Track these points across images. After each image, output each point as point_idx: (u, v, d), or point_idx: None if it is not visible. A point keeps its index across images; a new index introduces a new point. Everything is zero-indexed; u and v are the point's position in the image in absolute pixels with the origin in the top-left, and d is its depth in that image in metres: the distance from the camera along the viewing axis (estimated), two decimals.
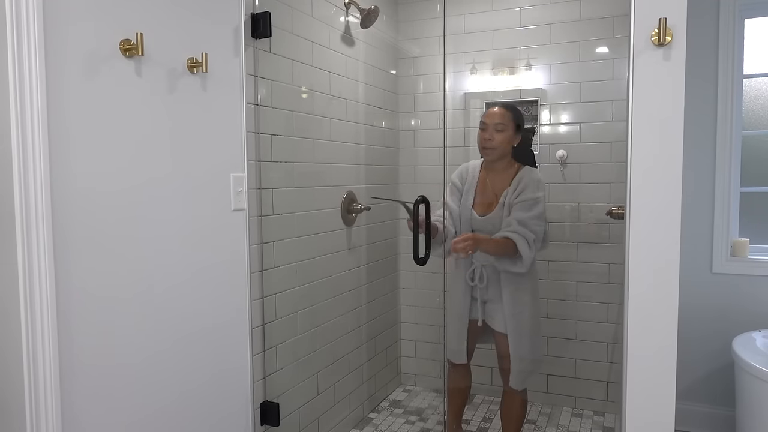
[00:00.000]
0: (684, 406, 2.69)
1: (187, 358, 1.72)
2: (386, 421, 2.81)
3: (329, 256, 2.51)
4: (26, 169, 1.26)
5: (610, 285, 2.76)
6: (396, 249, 3.14)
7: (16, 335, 1.28)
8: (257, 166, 2.02)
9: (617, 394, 2.12)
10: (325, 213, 2.48)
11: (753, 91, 2.67)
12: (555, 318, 2.88)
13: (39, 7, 1.26)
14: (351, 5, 2.60)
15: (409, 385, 3.21)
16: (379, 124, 2.96)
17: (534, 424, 2.75)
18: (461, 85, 2.98)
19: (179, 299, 1.68)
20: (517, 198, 2.16)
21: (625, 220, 1.49)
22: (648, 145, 1.44)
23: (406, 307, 3.20)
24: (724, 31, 2.55)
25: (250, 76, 1.97)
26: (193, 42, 1.70)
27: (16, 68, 1.23)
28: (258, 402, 2.05)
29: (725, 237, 2.62)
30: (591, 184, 2.77)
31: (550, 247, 2.84)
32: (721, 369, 2.67)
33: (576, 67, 2.76)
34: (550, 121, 2.84)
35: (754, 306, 2.60)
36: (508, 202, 2.18)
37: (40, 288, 1.28)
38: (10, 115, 1.23)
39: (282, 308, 2.17)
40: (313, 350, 2.40)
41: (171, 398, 1.66)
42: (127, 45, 1.46)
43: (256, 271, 2.02)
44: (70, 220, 1.36)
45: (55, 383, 1.32)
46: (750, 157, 2.67)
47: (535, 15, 2.82)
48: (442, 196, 2.34)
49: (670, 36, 1.39)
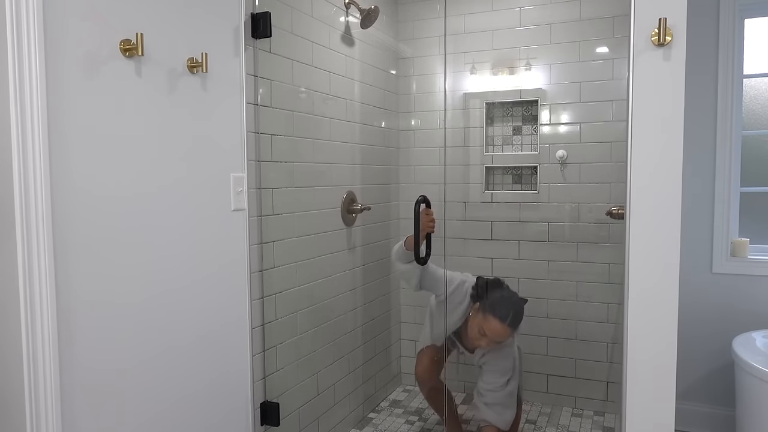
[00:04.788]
0: (684, 406, 2.69)
1: (187, 358, 1.72)
2: (386, 421, 2.81)
3: (329, 256, 2.51)
4: (26, 170, 1.26)
5: (610, 285, 2.76)
6: None
7: (16, 335, 1.28)
8: (257, 166, 2.02)
9: (617, 394, 2.12)
10: (325, 213, 2.48)
11: (753, 91, 2.67)
12: (555, 318, 2.88)
13: (39, 7, 1.26)
14: (351, 5, 2.60)
15: (409, 385, 3.21)
16: (378, 124, 2.96)
17: (534, 424, 2.75)
18: (461, 85, 2.98)
19: (179, 299, 1.68)
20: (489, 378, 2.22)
21: (625, 220, 1.49)
22: (648, 145, 1.44)
23: (406, 307, 3.20)
24: (724, 31, 2.55)
25: (250, 76, 1.97)
26: (193, 42, 1.70)
27: (16, 68, 1.23)
28: (258, 402, 2.05)
29: (725, 237, 2.62)
30: (591, 184, 2.77)
31: (550, 247, 2.86)
32: (721, 369, 2.67)
33: (576, 67, 2.76)
34: (550, 121, 2.84)
35: (754, 306, 2.60)
36: (482, 361, 2.25)
37: (40, 288, 1.28)
38: (10, 116, 1.23)
39: (282, 308, 2.17)
40: (313, 350, 2.40)
41: (171, 398, 1.66)
42: (127, 45, 1.46)
43: (256, 271, 2.02)
44: (70, 220, 1.36)
45: (55, 384, 1.32)
46: (750, 157, 2.67)
47: (535, 15, 2.82)
48: (443, 195, 2.34)
49: (670, 36, 1.39)
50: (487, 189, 2.98)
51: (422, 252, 2.19)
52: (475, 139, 2.97)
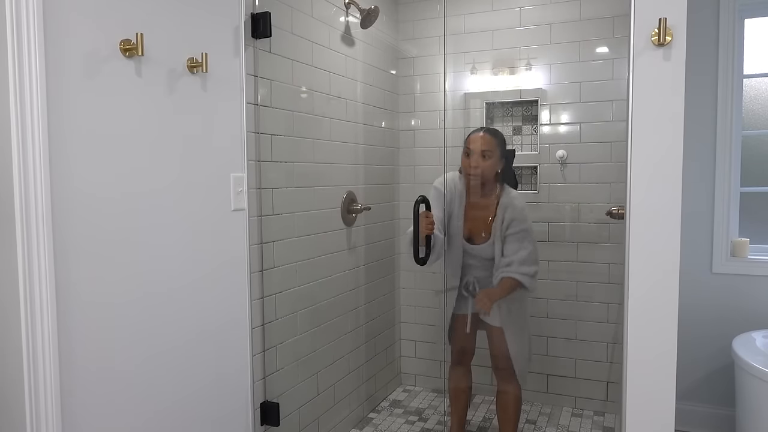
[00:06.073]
0: (684, 406, 2.69)
1: (187, 358, 1.72)
2: (386, 421, 2.81)
3: (329, 256, 2.51)
4: (26, 170, 1.25)
5: (610, 285, 2.76)
6: (396, 249, 3.14)
7: (16, 336, 1.28)
8: (257, 166, 2.02)
9: (617, 394, 2.12)
10: (325, 213, 2.48)
11: (753, 91, 2.67)
12: (555, 318, 2.88)
13: (39, 7, 1.26)
14: (351, 5, 2.60)
15: (409, 385, 3.21)
16: (379, 124, 2.96)
17: (534, 424, 2.75)
18: (461, 85, 2.98)
19: (179, 299, 1.68)
20: (508, 230, 2.21)
21: (625, 220, 1.49)
22: (648, 145, 1.44)
23: (405, 307, 3.20)
24: (724, 31, 2.55)
25: (250, 76, 1.97)
26: (193, 42, 1.70)
27: (16, 68, 1.23)
28: (258, 402, 2.05)
29: (725, 237, 2.62)
30: (591, 184, 2.77)
31: (550, 247, 2.86)
32: (721, 369, 2.67)
33: (576, 67, 2.76)
34: (550, 121, 2.84)
35: (754, 306, 2.60)
36: (501, 235, 2.22)
37: (40, 288, 1.28)
38: (10, 116, 1.23)
39: (282, 308, 2.17)
40: (313, 350, 2.40)
41: (171, 398, 1.66)
42: (127, 45, 1.46)
43: (256, 271, 2.02)
44: (70, 220, 1.36)
45: (55, 383, 1.32)
46: (750, 157, 2.67)
47: (535, 15, 2.82)
48: (443, 195, 2.34)
49: (670, 36, 1.39)
50: None
51: (422, 252, 2.19)
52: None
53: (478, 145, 2.22)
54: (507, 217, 2.21)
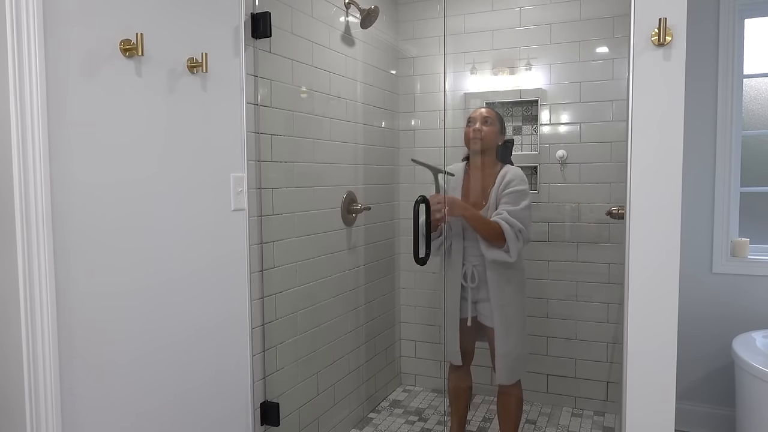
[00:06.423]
0: (684, 406, 2.69)
1: (188, 358, 1.72)
2: (386, 421, 2.81)
3: (329, 256, 2.51)
4: (26, 169, 1.26)
5: (610, 285, 2.76)
6: (396, 249, 3.14)
7: (16, 335, 1.28)
8: (257, 166, 2.02)
9: (617, 394, 2.12)
10: (325, 213, 2.48)
11: (753, 91, 2.67)
12: (555, 318, 2.88)
13: (39, 7, 1.26)
14: (351, 5, 2.60)
15: (409, 385, 3.21)
16: (378, 124, 2.96)
17: (534, 424, 2.75)
18: (461, 85, 2.98)
19: (179, 299, 1.68)
20: (505, 190, 2.20)
21: (625, 220, 1.49)
22: (648, 145, 1.44)
23: (405, 307, 3.20)
24: (724, 31, 2.55)
25: (250, 76, 1.97)
26: (193, 42, 1.70)
27: (16, 68, 1.23)
28: (258, 402, 2.05)
29: (725, 237, 2.62)
30: (591, 184, 2.77)
31: (550, 247, 2.86)
32: (721, 369, 2.67)
33: (576, 67, 2.76)
34: (550, 121, 2.84)
35: (754, 306, 2.60)
36: (497, 196, 2.21)
37: (40, 288, 1.28)
38: (10, 115, 1.23)
39: (282, 308, 2.17)
40: (313, 350, 2.40)
41: (171, 398, 1.66)
42: (127, 45, 1.46)
43: (256, 271, 2.02)
44: (70, 220, 1.36)
45: (55, 383, 1.32)
46: (750, 157, 2.67)
47: (535, 15, 2.82)
48: (443, 195, 2.34)
49: (670, 36, 1.39)
50: None
51: (422, 252, 2.19)
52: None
53: (479, 114, 2.28)
54: (506, 180, 2.21)
